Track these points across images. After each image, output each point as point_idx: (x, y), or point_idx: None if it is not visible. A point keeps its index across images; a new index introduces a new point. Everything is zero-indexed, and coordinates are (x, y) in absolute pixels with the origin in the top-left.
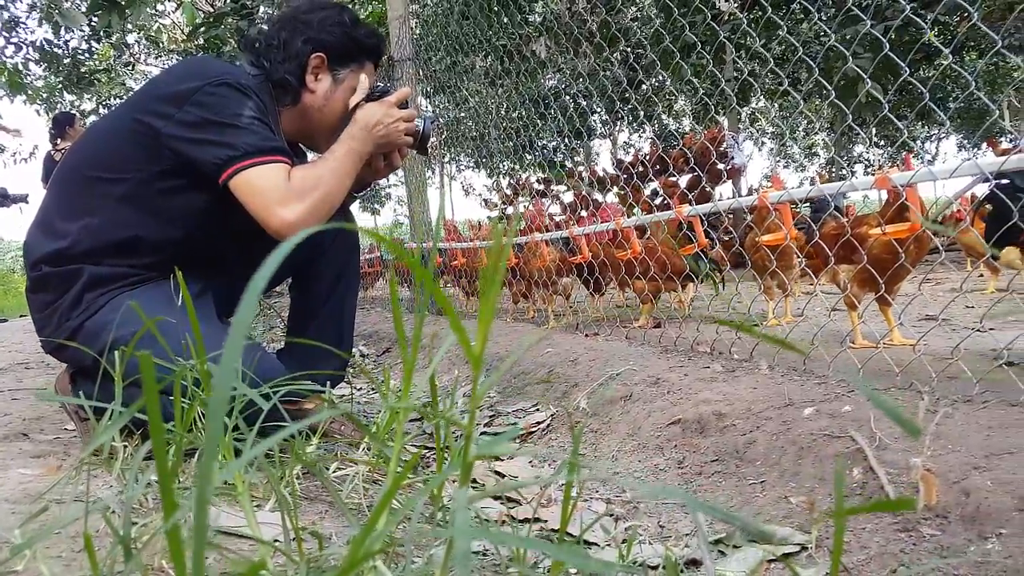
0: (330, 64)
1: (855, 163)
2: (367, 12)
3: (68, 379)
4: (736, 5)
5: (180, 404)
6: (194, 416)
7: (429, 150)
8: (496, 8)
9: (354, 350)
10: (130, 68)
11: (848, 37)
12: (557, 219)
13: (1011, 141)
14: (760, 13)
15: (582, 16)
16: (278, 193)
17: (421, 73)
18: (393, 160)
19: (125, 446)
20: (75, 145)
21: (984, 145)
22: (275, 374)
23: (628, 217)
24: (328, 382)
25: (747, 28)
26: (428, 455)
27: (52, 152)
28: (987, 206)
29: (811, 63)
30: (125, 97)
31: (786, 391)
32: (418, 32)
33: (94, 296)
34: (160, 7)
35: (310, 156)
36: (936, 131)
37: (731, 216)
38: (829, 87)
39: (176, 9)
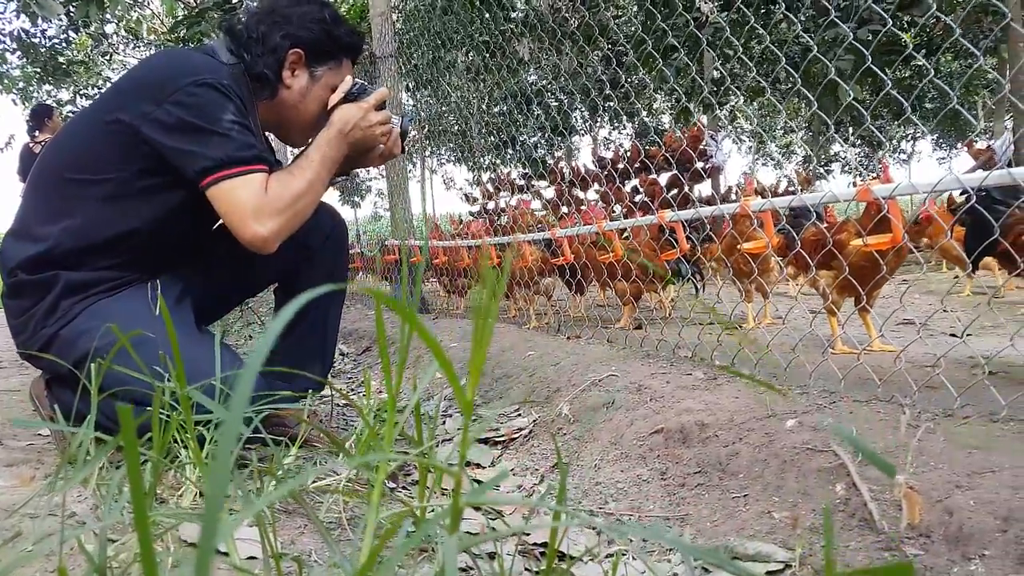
0: (308, 61)
1: (832, 162)
2: (348, 5)
3: (44, 385)
4: (716, 5)
5: (159, 425)
6: (174, 427)
7: (406, 147)
8: (478, 4)
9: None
10: (108, 58)
11: (827, 39)
12: (540, 216)
13: (985, 142)
14: (739, 15)
15: (564, 14)
16: (253, 206)
17: (403, 69)
18: (368, 160)
19: (110, 463)
20: (49, 147)
21: (960, 144)
22: (256, 389)
23: (610, 216)
24: (310, 389)
25: (728, 29)
26: (410, 465)
27: (30, 144)
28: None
29: (790, 64)
30: (103, 88)
31: (768, 401)
32: (399, 27)
33: (70, 303)
34: None
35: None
36: (912, 130)
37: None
38: (808, 90)
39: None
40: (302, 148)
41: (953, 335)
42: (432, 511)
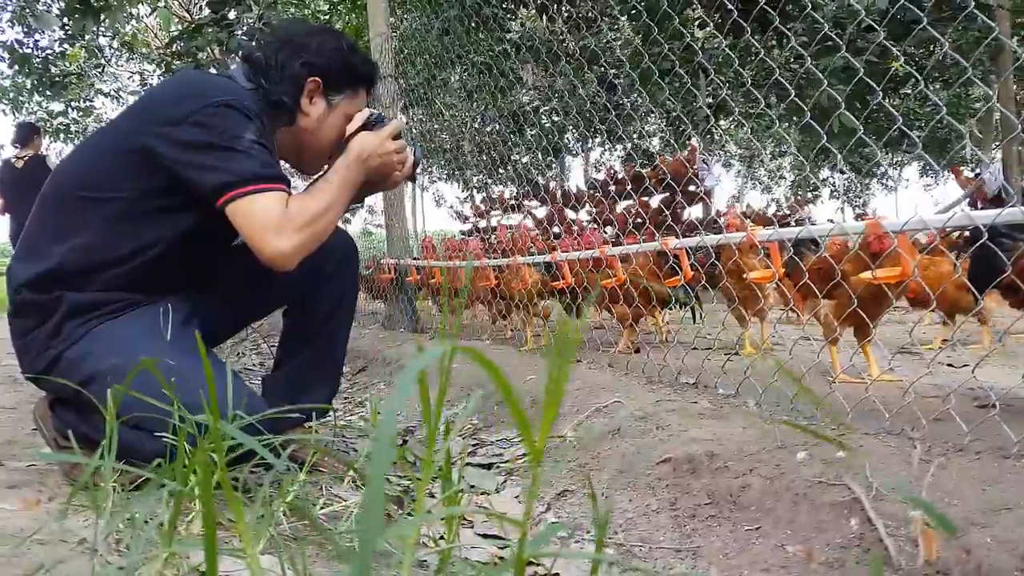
0: (325, 89)
1: (820, 187)
2: (344, 24)
3: (47, 406)
4: (710, 30)
5: (184, 453)
6: (183, 452)
7: (416, 175)
8: (475, 25)
9: None
10: (101, 71)
11: (821, 66)
12: (540, 241)
13: (973, 170)
14: (733, 39)
15: (560, 36)
16: (275, 222)
17: (401, 88)
18: (383, 186)
19: (115, 488)
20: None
21: (946, 173)
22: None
23: (604, 236)
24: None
25: (722, 53)
26: (413, 489)
27: (13, 160)
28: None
29: (783, 91)
30: (94, 100)
31: (777, 432)
32: (398, 47)
33: (74, 325)
34: (134, 11)
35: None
36: (900, 158)
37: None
38: (802, 115)
39: (151, 13)
40: (315, 176)
41: (951, 365)
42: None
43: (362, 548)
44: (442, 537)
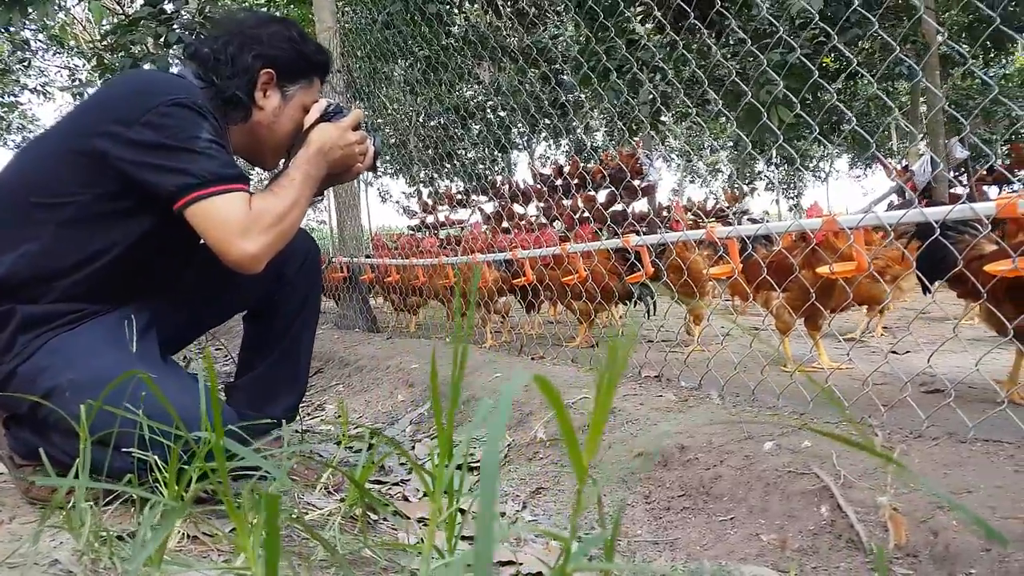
0: (279, 80)
1: (756, 179)
2: (284, 16)
3: (1, 423)
4: (652, 27)
5: (174, 472)
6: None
7: (377, 166)
8: (418, 19)
9: None
10: (26, 65)
11: (757, 63)
12: (500, 238)
13: (900, 161)
14: (672, 36)
15: (504, 32)
16: (239, 224)
17: (349, 83)
18: (344, 178)
19: (91, 505)
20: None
21: (874, 164)
22: (233, 423)
23: (563, 234)
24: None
25: (662, 51)
26: (386, 494)
27: None
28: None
29: (721, 87)
30: (19, 95)
31: (742, 423)
32: (345, 42)
33: (28, 339)
34: (63, 3)
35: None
36: (831, 150)
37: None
38: (737, 111)
39: (79, 3)
40: (274, 171)
41: (895, 352)
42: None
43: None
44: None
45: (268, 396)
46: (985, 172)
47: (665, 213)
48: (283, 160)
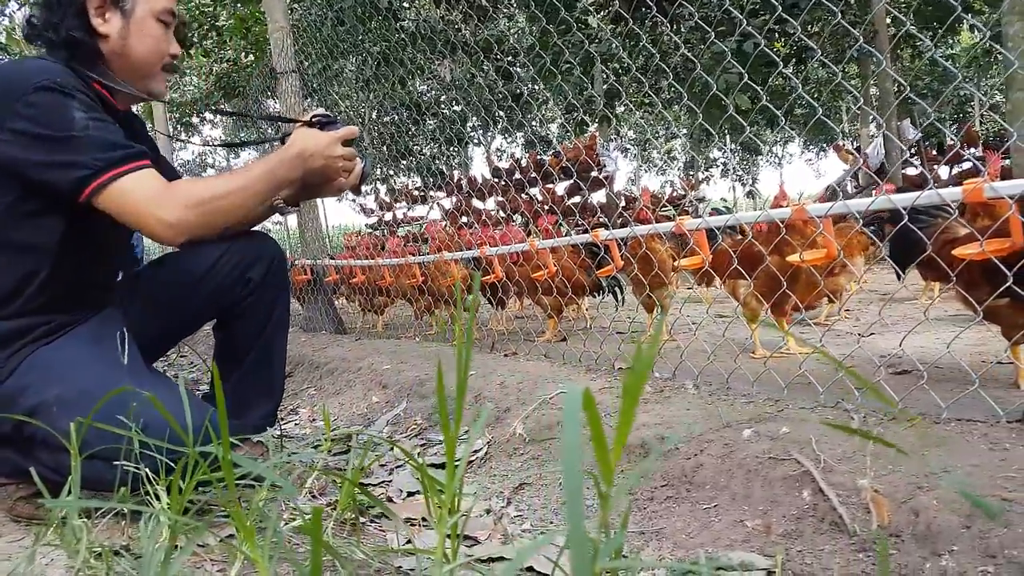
0: None
1: (712, 166)
2: (231, 13)
3: None
4: (605, 17)
5: (178, 485)
6: (142, 478)
7: (362, 188)
8: (369, 14)
9: None
10: None
11: (712, 52)
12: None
13: (853, 145)
14: (624, 26)
15: (455, 25)
16: (153, 196)
17: (304, 83)
18: (323, 192)
19: (85, 521)
20: None
21: (827, 147)
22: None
23: (527, 229)
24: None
25: (613, 39)
26: (371, 492)
27: None
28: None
29: (675, 76)
30: None
31: (720, 412)
32: (302, 42)
33: (4, 357)
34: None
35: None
36: (784, 135)
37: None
38: (692, 99)
39: (20, 8)
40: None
41: (860, 335)
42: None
43: None
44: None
45: (246, 404)
46: (935, 152)
47: (625, 204)
48: (161, 77)
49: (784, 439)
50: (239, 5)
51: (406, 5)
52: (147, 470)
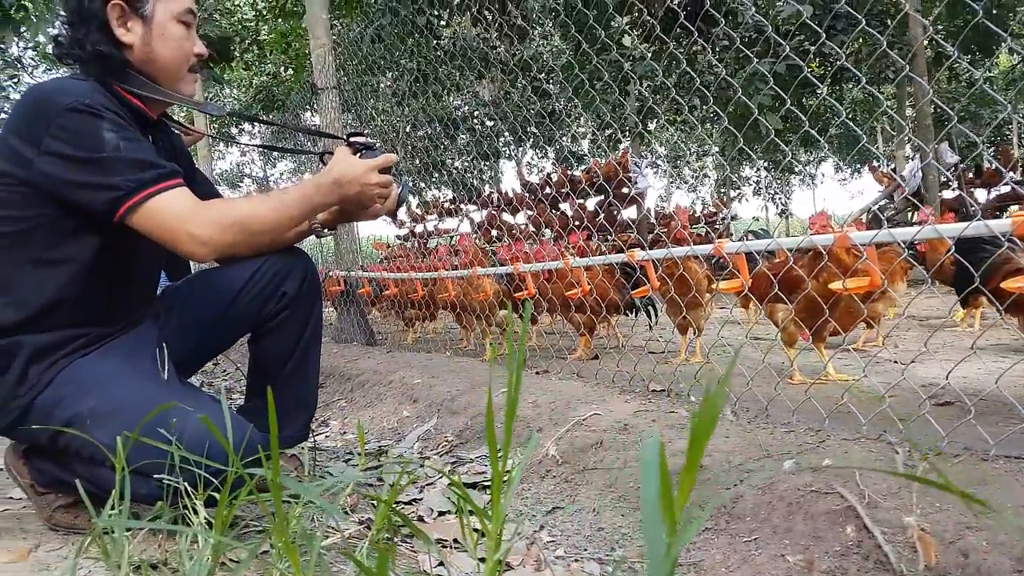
0: (131, 6)
1: (744, 184)
2: (271, 29)
3: (20, 455)
4: (639, 35)
5: (223, 504)
6: (181, 492)
7: (398, 214)
8: (408, 31)
9: None
10: (16, 82)
11: (744, 71)
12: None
13: (890, 166)
14: (660, 45)
15: (492, 44)
16: (185, 214)
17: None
18: (360, 216)
19: (126, 536)
20: None
21: (862, 168)
22: (266, 445)
23: (547, 242)
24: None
25: (651, 62)
26: (402, 510)
27: None
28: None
29: (710, 93)
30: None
31: (760, 441)
32: (342, 59)
33: (41, 369)
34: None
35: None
36: (817, 155)
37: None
38: (726, 118)
39: None
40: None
41: (897, 362)
42: None
43: None
44: None
45: (280, 416)
46: (972, 175)
47: (659, 221)
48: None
49: (826, 472)
50: (281, 21)
51: (443, 24)
52: (186, 484)
